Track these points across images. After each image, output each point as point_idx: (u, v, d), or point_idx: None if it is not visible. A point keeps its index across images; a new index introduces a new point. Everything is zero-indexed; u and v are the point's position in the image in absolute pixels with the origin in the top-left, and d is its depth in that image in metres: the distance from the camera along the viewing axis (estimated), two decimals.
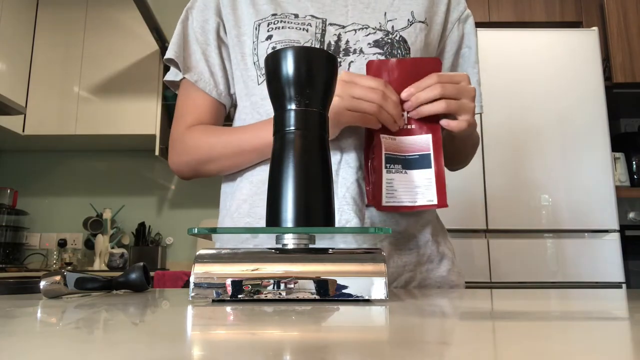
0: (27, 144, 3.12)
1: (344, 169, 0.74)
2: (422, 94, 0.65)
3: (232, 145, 0.76)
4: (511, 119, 2.35)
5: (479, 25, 2.55)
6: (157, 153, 2.88)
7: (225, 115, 0.90)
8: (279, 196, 0.53)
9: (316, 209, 0.54)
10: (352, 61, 0.76)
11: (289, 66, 0.55)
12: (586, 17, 2.74)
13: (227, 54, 0.86)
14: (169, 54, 0.85)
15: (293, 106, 0.55)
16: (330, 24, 0.78)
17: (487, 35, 2.45)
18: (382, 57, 0.76)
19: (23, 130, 2.90)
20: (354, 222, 0.73)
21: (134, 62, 3.01)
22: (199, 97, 0.85)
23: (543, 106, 2.37)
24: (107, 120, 2.94)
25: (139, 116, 2.93)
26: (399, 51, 0.77)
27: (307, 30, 0.77)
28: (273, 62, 0.56)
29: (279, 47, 0.76)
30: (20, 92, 2.91)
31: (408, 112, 0.69)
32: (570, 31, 2.51)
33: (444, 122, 0.67)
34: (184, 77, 0.85)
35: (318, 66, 0.56)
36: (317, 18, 0.78)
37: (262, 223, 0.77)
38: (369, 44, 0.77)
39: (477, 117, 0.90)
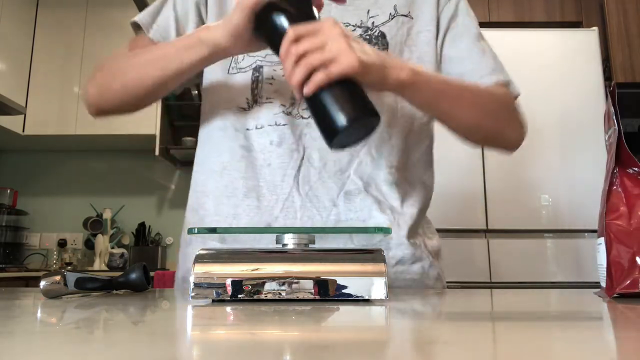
0: (27, 144, 3.11)
1: (305, 167, 0.72)
2: (285, 67, 0.54)
3: (146, 56, 0.71)
4: None
5: (479, 25, 2.55)
6: (157, 153, 2.88)
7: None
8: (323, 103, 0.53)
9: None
10: None
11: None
12: (586, 17, 2.74)
13: None
14: (138, 17, 0.80)
15: None
16: None
17: (487, 35, 2.44)
18: None
19: (23, 130, 2.89)
20: (316, 218, 0.71)
21: None
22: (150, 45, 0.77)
23: (543, 106, 2.36)
24: (107, 120, 2.93)
25: (139, 116, 2.90)
26: (376, 47, 0.75)
27: None
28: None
29: None
30: (20, 92, 2.91)
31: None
32: (570, 31, 2.51)
33: (306, 89, 0.53)
34: (141, 32, 0.79)
35: None
36: None
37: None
38: None
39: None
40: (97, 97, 0.75)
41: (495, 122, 0.77)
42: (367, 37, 0.76)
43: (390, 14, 0.79)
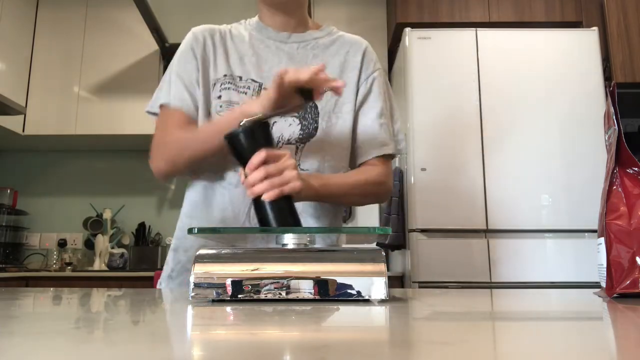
0: (27, 144, 3.11)
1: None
2: (250, 177, 0.74)
3: (198, 135, 0.92)
4: (511, 119, 2.35)
5: (479, 25, 2.55)
6: None
7: None
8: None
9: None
10: (275, 121, 0.95)
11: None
12: (586, 17, 2.74)
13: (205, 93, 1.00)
14: (162, 101, 0.99)
15: None
16: (264, 88, 0.96)
17: (487, 35, 2.45)
18: (298, 119, 0.97)
19: (23, 130, 2.89)
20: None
21: (134, 62, 3.01)
22: (182, 116, 0.96)
23: (543, 106, 2.36)
24: (107, 120, 2.93)
25: (139, 116, 2.92)
26: (310, 115, 0.97)
27: (245, 93, 0.96)
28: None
29: (224, 106, 0.96)
30: (20, 92, 2.91)
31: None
32: (570, 31, 2.51)
33: (265, 196, 0.74)
34: (162, 106, 0.98)
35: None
36: (255, 82, 0.97)
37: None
38: None
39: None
40: (170, 168, 0.96)
41: (371, 199, 1.05)
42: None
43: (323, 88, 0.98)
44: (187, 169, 0.97)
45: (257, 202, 0.74)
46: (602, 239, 0.60)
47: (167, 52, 2.90)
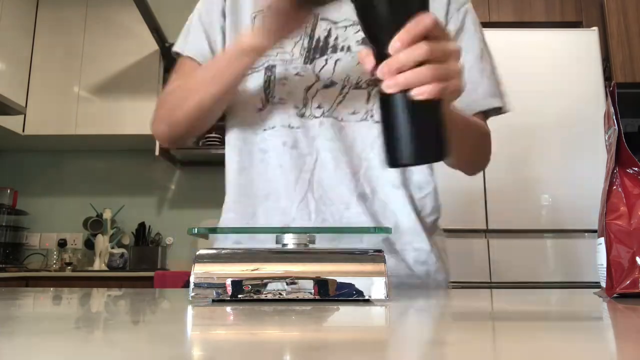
0: (27, 144, 3.11)
1: (319, 170, 0.74)
2: (401, 57, 0.45)
3: (192, 84, 0.73)
4: (511, 119, 2.34)
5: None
6: (157, 153, 2.87)
7: None
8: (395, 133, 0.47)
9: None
10: (338, 59, 0.75)
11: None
12: (586, 17, 2.74)
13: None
14: (175, 47, 0.83)
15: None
16: (322, 19, 0.77)
17: (487, 35, 2.45)
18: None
19: (23, 130, 2.89)
20: (329, 221, 0.73)
21: (134, 62, 3.01)
22: (193, 67, 0.80)
23: (543, 106, 2.36)
24: (107, 120, 2.93)
25: (139, 116, 2.92)
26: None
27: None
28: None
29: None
30: (20, 92, 2.91)
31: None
32: (570, 31, 2.51)
33: (423, 93, 0.46)
34: (180, 56, 0.82)
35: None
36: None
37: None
38: (357, 41, 0.76)
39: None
40: (168, 132, 0.77)
41: (479, 157, 0.86)
42: None
43: None
44: (187, 131, 0.76)
45: (394, 99, 0.46)
46: (602, 239, 0.61)
47: (167, 52, 2.89)
